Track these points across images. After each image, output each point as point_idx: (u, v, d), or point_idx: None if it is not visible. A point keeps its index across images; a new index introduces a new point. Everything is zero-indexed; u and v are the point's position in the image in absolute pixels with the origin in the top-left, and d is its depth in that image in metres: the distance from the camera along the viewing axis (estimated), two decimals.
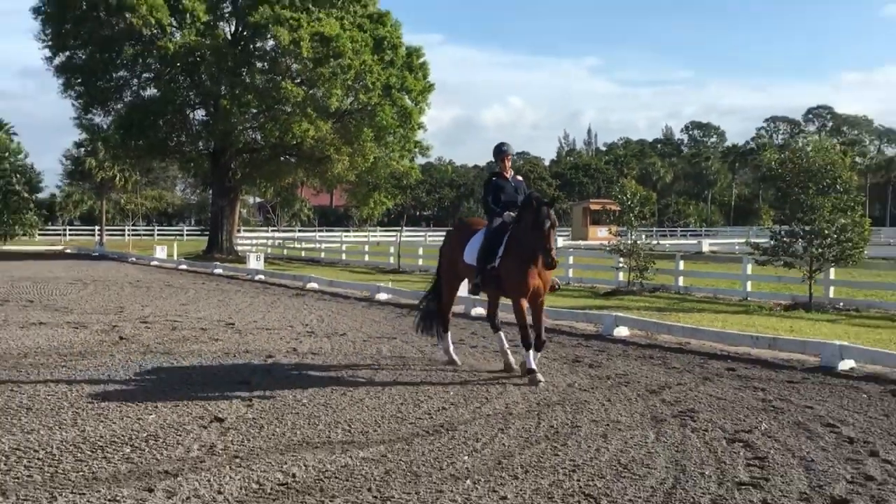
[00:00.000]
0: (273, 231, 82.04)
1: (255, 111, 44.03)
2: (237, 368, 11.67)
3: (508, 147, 11.98)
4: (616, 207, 33.04)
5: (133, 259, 42.62)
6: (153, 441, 7.79)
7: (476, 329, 16.27)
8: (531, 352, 10.89)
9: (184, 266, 36.78)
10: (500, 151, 11.88)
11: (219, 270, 33.21)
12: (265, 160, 47.60)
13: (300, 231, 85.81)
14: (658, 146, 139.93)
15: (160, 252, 42.55)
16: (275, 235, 70.17)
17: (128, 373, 11.19)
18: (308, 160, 46.29)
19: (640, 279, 25.43)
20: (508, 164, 11.94)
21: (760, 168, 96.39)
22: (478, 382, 10.88)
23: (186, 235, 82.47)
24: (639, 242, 26.21)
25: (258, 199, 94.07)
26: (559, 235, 17.49)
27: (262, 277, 29.69)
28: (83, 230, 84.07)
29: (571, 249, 36.51)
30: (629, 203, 26.26)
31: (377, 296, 22.39)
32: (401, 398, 9.85)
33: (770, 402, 9.72)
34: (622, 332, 15.32)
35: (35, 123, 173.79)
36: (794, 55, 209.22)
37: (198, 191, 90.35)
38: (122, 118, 44.90)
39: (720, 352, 13.48)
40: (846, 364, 11.86)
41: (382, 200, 50.03)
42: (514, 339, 11.97)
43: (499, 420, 8.81)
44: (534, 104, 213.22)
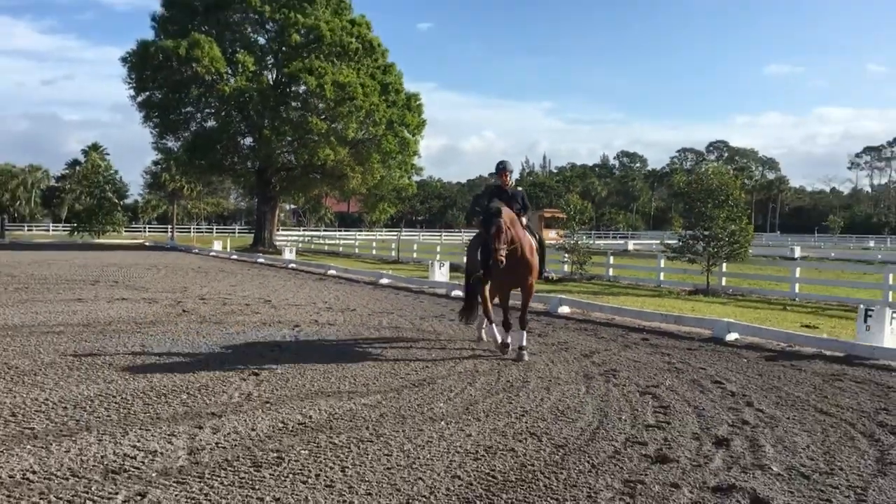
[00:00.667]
0: (304, 230, 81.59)
1: (290, 139, 43.69)
2: (271, 335, 11.60)
3: (507, 164, 10.95)
4: (563, 215, 33.00)
5: (196, 251, 42.36)
6: (204, 390, 7.74)
7: (454, 306, 16.18)
8: (507, 332, 10.14)
9: (234, 256, 36.57)
10: (499, 168, 10.88)
11: (261, 260, 33.04)
12: (298, 176, 47.27)
13: (324, 231, 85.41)
14: (596, 169, 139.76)
15: (216, 245, 42.30)
16: (305, 234, 69.68)
17: (188, 337, 11.12)
18: (330, 177, 46.03)
19: (580, 270, 25.45)
20: (507, 179, 10.87)
21: (673, 187, 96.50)
22: (453, 348, 10.84)
23: (238, 233, 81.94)
24: (579, 242, 26.20)
25: (293, 206, 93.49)
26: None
27: (294, 265, 29.54)
28: (159, 228, 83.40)
29: None
30: (572, 213, 26.28)
31: (380, 280, 22.32)
32: (394, 358, 9.82)
33: (674, 364, 9.73)
34: (565, 310, 15.31)
35: (123, 146, 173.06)
36: (699, 102, 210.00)
37: (246, 199, 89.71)
38: (189, 143, 44.52)
39: (638, 326, 13.48)
40: (732, 336, 11.89)
41: (386, 208, 49.87)
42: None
43: (468, 376, 8.79)
44: (502, 136, 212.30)
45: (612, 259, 26.78)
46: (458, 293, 18.51)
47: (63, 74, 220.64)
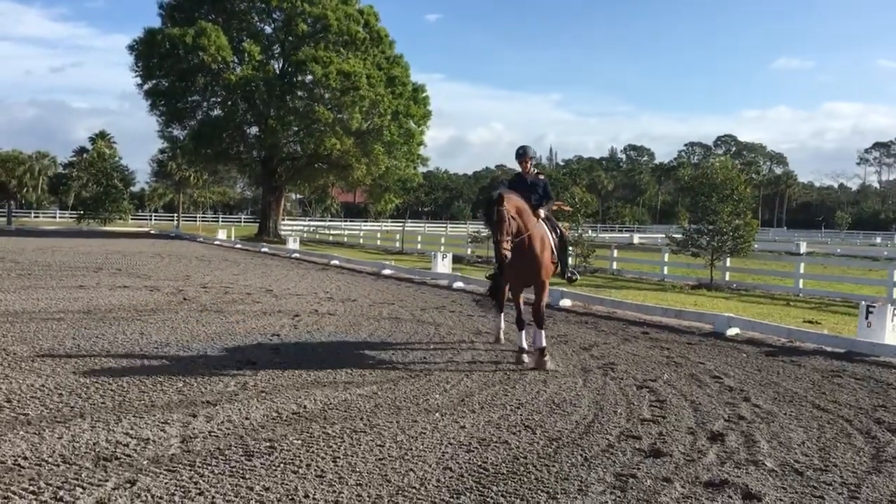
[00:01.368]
0: (309, 220, 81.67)
1: (296, 129, 43.69)
2: (271, 324, 11.58)
3: (527, 149, 10.07)
4: (568, 208, 32.98)
5: (201, 239, 42.43)
6: (200, 378, 7.74)
7: (455, 298, 16.21)
8: (521, 332, 9.29)
9: (239, 245, 36.61)
10: (518, 155, 10.09)
11: (265, 249, 33.06)
12: (303, 166, 47.30)
13: (330, 221, 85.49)
14: (603, 162, 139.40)
15: (221, 234, 42.33)
16: (310, 224, 69.82)
17: (187, 325, 11.11)
18: (335, 167, 45.99)
19: (584, 263, 25.40)
20: (527, 166, 10.03)
21: (680, 181, 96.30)
22: (452, 339, 10.80)
23: (244, 222, 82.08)
24: (584, 235, 26.17)
25: (298, 196, 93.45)
26: None
27: (297, 255, 29.55)
28: (165, 216, 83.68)
29: None
30: (577, 206, 26.21)
31: (383, 271, 22.31)
32: (392, 349, 9.81)
33: (672, 359, 9.70)
34: (566, 303, 15.29)
35: (130, 134, 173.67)
36: (708, 96, 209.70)
37: (252, 188, 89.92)
38: (195, 132, 44.53)
39: (638, 319, 13.45)
40: (732, 331, 11.85)
41: (392, 199, 49.81)
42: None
43: (465, 367, 8.77)
44: (510, 128, 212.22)
45: (616, 252, 26.73)
46: (460, 285, 18.52)
47: (71, 62, 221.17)
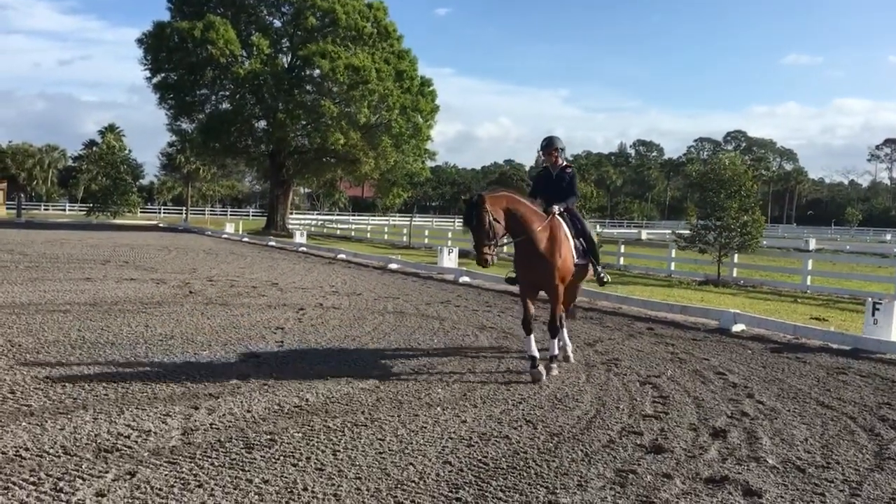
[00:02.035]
0: (317, 214, 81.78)
1: (304, 123, 43.80)
2: (276, 317, 11.60)
3: (552, 140, 8.92)
4: None
5: (209, 233, 42.51)
6: (203, 371, 7.76)
7: (461, 293, 16.19)
8: (529, 337, 8.17)
9: (246, 239, 36.69)
10: (542, 147, 9.03)
11: (272, 243, 33.12)
12: (311, 160, 47.36)
13: (338, 215, 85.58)
14: (612, 158, 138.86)
15: (229, 228, 42.49)
16: (318, 218, 69.95)
17: (192, 318, 11.15)
18: (343, 161, 46.03)
19: None
20: (556, 158, 8.90)
21: (688, 177, 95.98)
22: (456, 334, 10.80)
23: (252, 216, 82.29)
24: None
25: (307, 190, 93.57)
26: None
27: (304, 249, 29.60)
28: (173, 210, 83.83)
29: None
30: (582, 200, 26.13)
31: (389, 265, 22.31)
32: (396, 343, 9.81)
33: (677, 355, 9.67)
34: None
35: (140, 127, 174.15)
36: (717, 91, 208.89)
37: (260, 182, 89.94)
38: (203, 125, 44.65)
39: (644, 315, 13.40)
40: (738, 327, 11.80)
41: (399, 193, 49.76)
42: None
43: (468, 362, 8.76)
44: (518, 123, 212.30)
45: (624, 248, 26.64)
46: (467, 279, 18.51)
47: (80, 55, 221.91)
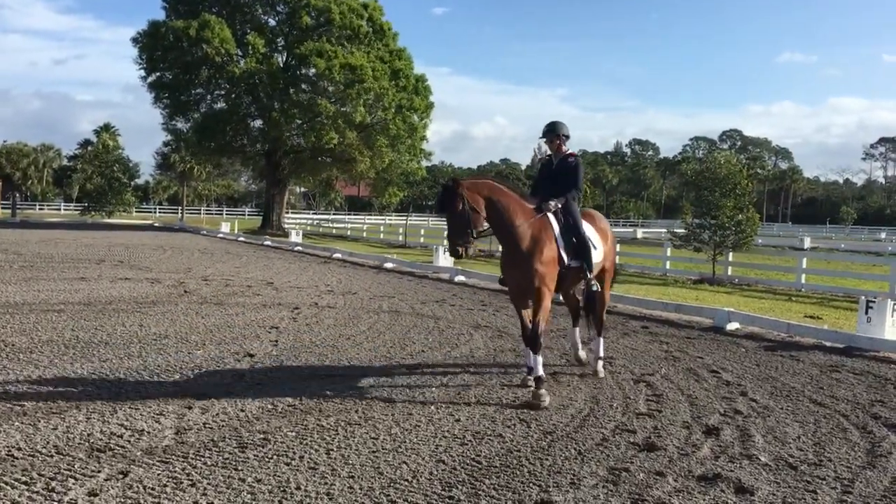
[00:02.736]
0: (313, 214, 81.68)
1: (299, 122, 43.68)
2: (270, 316, 11.59)
3: (555, 126, 7.89)
4: None
5: (204, 232, 42.42)
6: (198, 371, 7.76)
7: (456, 291, 16.20)
8: (530, 351, 7.22)
9: (242, 238, 36.63)
10: (544, 133, 7.94)
11: (268, 242, 33.08)
12: (307, 159, 47.26)
13: (334, 214, 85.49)
14: (608, 157, 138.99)
15: (224, 227, 42.39)
16: (314, 217, 69.88)
17: (186, 318, 11.13)
18: (339, 160, 45.94)
19: None
20: (560, 146, 7.90)
21: (684, 176, 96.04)
22: (451, 333, 10.79)
23: (248, 215, 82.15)
24: None
25: (303, 189, 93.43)
26: None
27: (300, 248, 29.56)
28: (169, 209, 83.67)
29: None
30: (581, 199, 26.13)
31: (385, 265, 22.31)
32: (391, 342, 9.80)
33: (671, 353, 9.68)
34: None
35: (134, 126, 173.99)
36: (712, 91, 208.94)
37: (256, 181, 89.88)
38: (199, 124, 44.53)
39: (639, 314, 13.44)
40: (732, 325, 11.83)
41: (395, 192, 49.67)
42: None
43: (463, 361, 8.77)
44: (514, 122, 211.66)
45: (619, 247, 26.60)
46: (462, 278, 18.51)
47: (75, 54, 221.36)
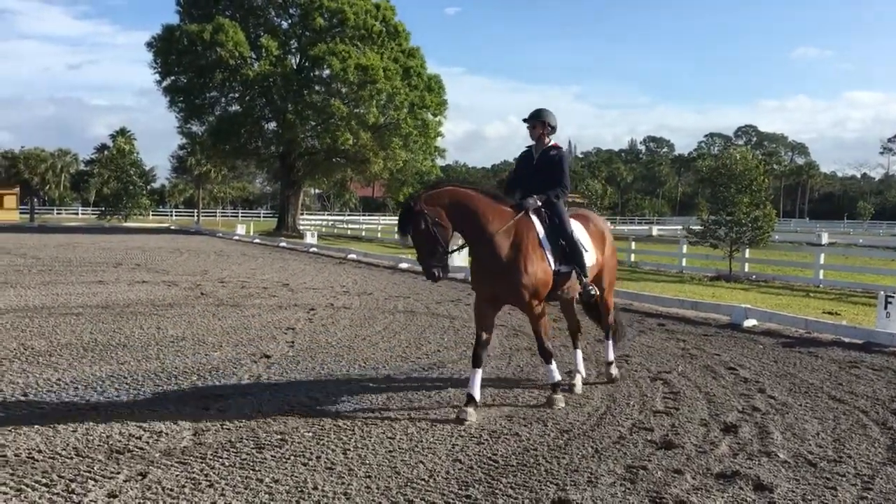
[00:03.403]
0: (328, 215, 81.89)
1: (314, 123, 43.84)
2: (286, 318, 11.64)
3: (540, 112, 7.17)
4: (580, 200, 32.82)
5: (220, 234, 42.59)
6: (215, 372, 7.80)
7: (471, 291, 16.13)
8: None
9: (257, 240, 36.77)
10: (528, 118, 7.19)
11: (283, 244, 33.19)
12: (321, 161, 47.38)
13: (348, 215, 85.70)
14: (622, 154, 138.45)
15: (240, 229, 42.57)
16: (329, 218, 70.07)
17: (203, 320, 11.20)
18: (353, 161, 46.03)
19: None
20: (539, 133, 7.13)
21: (699, 172, 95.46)
22: (466, 332, 10.76)
23: (263, 217, 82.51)
24: None
25: (317, 190, 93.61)
26: None
27: (315, 250, 29.65)
28: (185, 212, 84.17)
29: None
30: (593, 198, 26.09)
31: (400, 265, 22.30)
32: (406, 342, 9.82)
33: (688, 350, 9.63)
34: None
35: (149, 130, 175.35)
36: (727, 86, 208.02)
37: (271, 183, 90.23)
38: (213, 127, 44.76)
39: (655, 311, 13.34)
40: (749, 322, 11.73)
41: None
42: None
43: None
44: None
45: (635, 245, 26.57)
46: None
47: (88, 59, 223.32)
